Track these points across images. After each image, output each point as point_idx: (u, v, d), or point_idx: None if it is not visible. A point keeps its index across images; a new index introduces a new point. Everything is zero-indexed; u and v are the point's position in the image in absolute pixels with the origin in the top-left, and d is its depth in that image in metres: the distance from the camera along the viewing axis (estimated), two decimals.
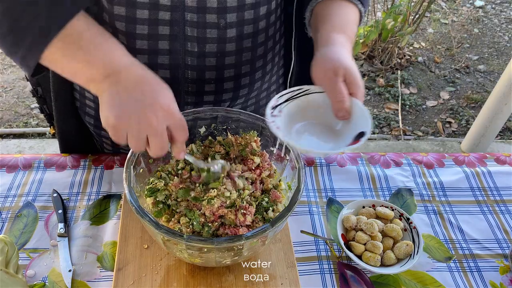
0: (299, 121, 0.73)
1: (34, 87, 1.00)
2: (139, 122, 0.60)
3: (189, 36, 0.78)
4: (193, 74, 0.83)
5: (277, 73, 0.98)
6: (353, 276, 0.81)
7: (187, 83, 0.84)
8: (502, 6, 4.13)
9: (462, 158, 1.09)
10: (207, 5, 0.75)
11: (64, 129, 1.01)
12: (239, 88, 0.89)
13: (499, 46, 3.60)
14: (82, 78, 0.64)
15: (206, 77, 0.84)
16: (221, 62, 0.83)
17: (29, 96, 2.75)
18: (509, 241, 0.90)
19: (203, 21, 0.77)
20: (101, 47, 0.62)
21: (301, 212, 0.91)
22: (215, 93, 0.87)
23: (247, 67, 0.87)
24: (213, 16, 0.76)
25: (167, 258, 0.79)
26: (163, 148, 0.62)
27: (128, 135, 0.61)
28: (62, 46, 0.61)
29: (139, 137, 0.61)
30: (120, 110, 0.60)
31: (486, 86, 3.15)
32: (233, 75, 0.86)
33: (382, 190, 0.98)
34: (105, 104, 0.61)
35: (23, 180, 0.93)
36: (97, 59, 0.62)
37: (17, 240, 0.82)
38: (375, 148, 2.55)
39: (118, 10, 0.74)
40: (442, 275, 0.82)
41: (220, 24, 0.77)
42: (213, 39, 0.79)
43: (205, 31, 0.78)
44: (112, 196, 0.91)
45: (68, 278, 0.76)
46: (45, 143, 2.46)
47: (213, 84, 0.86)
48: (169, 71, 0.82)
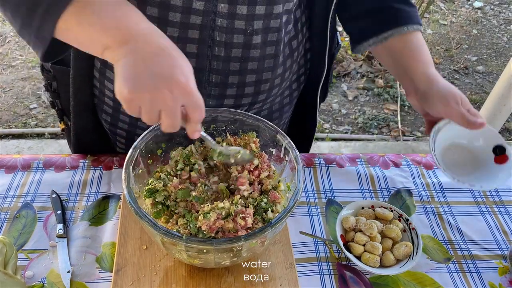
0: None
1: (49, 82, 0.98)
2: (152, 98, 0.58)
3: (217, 41, 0.79)
4: (217, 78, 0.84)
5: (291, 80, 0.99)
6: (352, 277, 0.81)
7: (210, 87, 0.85)
8: (501, 7, 4.14)
9: None
10: (237, 11, 0.76)
11: (80, 125, 0.99)
12: (259, 93, 0.90)
13: (498, 47, 3.60)
14: (98, 46, 0.60)
15: (229, 81, 0.85)
16: (245, 67, 0.84)
17: (28, 96, 2.75)
18: (508, 242, 0.90)
19: (232, 27, 0.78)
20: (116, 11, 0.59)
21: (300, 213, 0.91)
22: (236, 97, 0.88)
23: (268, 74, 0.88)
24: (242, 23, 0.78)
25: (166, 259, 0.79)
26: (174, 126, 0.61)
27: (141, 109, 0.59)
28: (76, 12, 0.57)
29: (151, 113, 0.59)
30: (134, 83, 0.57)
31: (485, 87, 3.16)
32: (255, 80, 0.87)
33: (381, 191, 0.99)
34: (120, 75, 0.58)
35: (22, 180, 0.93)
36: (113, 24, 0.58)
37: (15, 241, 0.82)
38: (374, 149, 2.55)
39: (151, 11, 0.74)
40: (441, 276, 0.82)
41: (247, 30, 0.79)
42: (239, 44, 0.80)
43: (232, 36, 0.79)
44: (111, 197, 0.91)
45: (67, 279, 0.76)
46: (44, 144, 2.45)
47: (235, 88, 0.87)
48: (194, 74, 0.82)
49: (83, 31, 0.59)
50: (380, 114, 2.87)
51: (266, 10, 0.78)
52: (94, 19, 0.58)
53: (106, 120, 0.98)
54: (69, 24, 0.59)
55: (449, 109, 0.84)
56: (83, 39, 0.61)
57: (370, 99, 2.99)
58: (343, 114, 2.86)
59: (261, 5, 0.77)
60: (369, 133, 2.73)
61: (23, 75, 2.91)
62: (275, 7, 0.79)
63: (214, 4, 0.74)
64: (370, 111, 2.88)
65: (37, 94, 2.77)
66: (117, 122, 0.96)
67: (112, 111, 0.95)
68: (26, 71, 2.95)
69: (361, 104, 2.94)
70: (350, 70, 3.19)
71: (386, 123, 2.81)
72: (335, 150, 2.49)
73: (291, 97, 1.03)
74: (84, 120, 0.99)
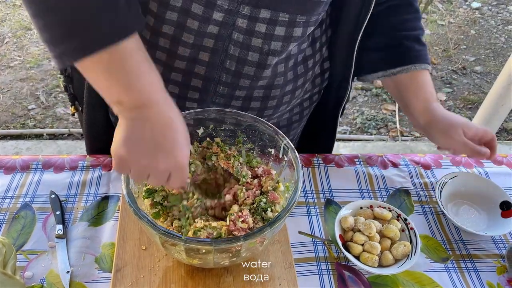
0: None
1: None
2: (147, 165, 0.61)
3: (230, 54, 0.79)
4: (224, 90, 0.84)
5: (302, 98, 0.99)
6: (351, 276, 0.81)
7: (216, 96, 0.85)
8: (498, 8, 4.15)
9: (459, 159, 1.09)
10: (255, 28, 0.75)
11: (92, 117, 0.99)
12: (265, 109, 0.90)
13: (495, 48, 3.61)
14: (112, 97, 0.61)
15: (236, 94, 0.85)
16: (254, 84, 0.84)
17: (26, 97, 2.75)
18: (505, 241, 0.90)
19: (248, 43, 0.77)
20: (144, 77, 0.59)
21: (299, 213, 0.91)
22: (241, 109, 0.88)
23: (277, 91, 0.88)
24: (259, 41, 0.77)
25: (165, 259, 0.79)
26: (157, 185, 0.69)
27: (131, 170, 0.62)
28: (108, 59, 0.56)
29: (141, 175, 0.63)
30: (134, 147, 0.60)
31: (483, 87, 3.17)
32: (262, 96, 0.88)
33: (380, 191, 0.99)
34: (123, 132, 0.60)
35: (21, 181, 0.93)
36: (137, 86, 0.59)
37: (14, 242, 0.82)
38: (372, 149, 2.55)
39: (170, 15, 0.74)
40: (440, 275, 0.83)
41: (263, 49, 0.78)
42: (253, 63, 0.80)
43: (247, 53, 0.78)
44: (110, 198, 0.91)
45: (66, 279, 0.76)
46: (43, 145, 2.45)
47: (241, 101, 0.87)
48: (201, 81, 0.83)
49: (105, 79, 0.59)
50: (379, 114, 2.88)
51: (286, 33, 0.77)
52: (122, 76, 0.58)
53: (112, 113, 0.98)
54: (94, 66, 0.57)
55: (452, 141, 0.90)
56: (102, 84, 0.60)
57: (368, 99, 3.00)
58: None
59: (281, 26, 0.76)
60: (368, 133, 2.73)
61: (21, 76, 2.91)
62: (295, 29, 0.78)
63: (233, 18, 0.74)
64: (368, 112, 2.89)
65: (36, 95, 2.77)
66: None
67: None
68: (24, 72, 2.94)
69: (359, 104, 2.95)
70: None
71: (384, 124, 2.81)
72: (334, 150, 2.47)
73: (301, 114, 1.03)
74: (97, 113, 0.99)
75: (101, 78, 0.59)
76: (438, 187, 0.95)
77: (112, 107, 0.62)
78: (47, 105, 2.72)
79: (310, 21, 0.79)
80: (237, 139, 0.84)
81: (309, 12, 0.76)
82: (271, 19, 0.75)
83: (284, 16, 0.75)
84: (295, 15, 0.75)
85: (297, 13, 0.75)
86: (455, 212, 0.95)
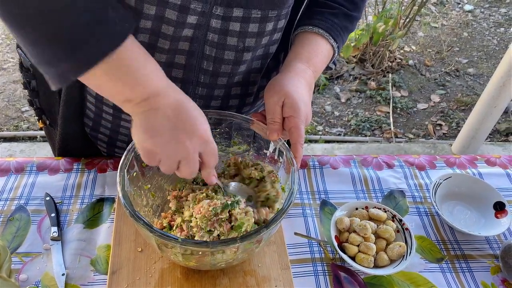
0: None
1: (28, 80, 0.97)
2: (175, 149, 0.61)
3: (207, 55, 0.79)
4: (203, 90, 0.84)
5: None
6: (347, 277, 0.81)
7: (195, 98, 0.85)
8: (490, 10, 4.18)
9: (453, 160, 1.10)
10: (230, 28, 0.75)
11: (69, 132, 0.98)
12: (243, 105, 0.91)
13: (488, 50, 3.64)
14: (119, 98, 0.62)
15: (215, 94, 0.86)
16: (231, 81, 0.84)
17: (19, 99, 2.73)
18: (499, 242, 0.91)
19: (223, 43, 0.77)
20: (144, 69, 0.60)
21: (295, 214, 0.91)
22: (220, 108, 0.89)
23: (254, 88, 0.89)
24: (234, 39, 0.77)
25: (161, 261, 0.79)
26: (193, 173, 0.65)
27: (162, 160, 0.63)
28: (107, 67, 0.57)
29: (172, 164, 0.63)
30: (157, 136, 0.61)
31: (476, 89, 3.19)
32: (240, 93, 0.88)
33: (375, 192, 0.99)
34: (142, 127, 0.61)
35: (15, 183, 0.93)
36: (139, 81, 0.60)
37: (9, 244, 0.81)
38: (367, 150, 2.56)
39: (144, 23, 0.73)
40: (435, 275, 0.83)
41: (238, 47, 0.78)
42: (230, 61, 0.80)
43: (223, 52, 0.78)
44: (105, 200, 0.91)
45: (62, 282, 0.75)
46: (36, 147, 2.44)
47: (220, 100, 0.88)
48: (180, 84, 0.83)
49: (107, 82, 0.60)
50: (373, 116, 2.89)
51: (259, 29, 0.77)
52: (123, 75, 0.59)
53: (87, 124, 0.97)
54: (96, 74, 0.58)
55: (267, 101, 0.77)
56: (106, 88, 0.61)
57: (362, 101, 3.01)
58: (336, 116, 2.88)
59: (254, 23, 0.76)
60: (362, 135, 2.74)
61: (15, 78, 2.89)
62: (267, 24, 0.78)
63: (207, 19, 0.74)
64: (362, 113, 2.90)
65: None
66: (99, 127, 0.96)
67: (94, 116, 0.94)
68: (18, 74, 2.92)
69: (353, 106, 2.96)
70: (343, 73, 3.20)
71: (378, 125, 2.83)
72: (329, 152, 2.50)
73: None
74: (73, 127, 0.98)
75: (104, 83, 0.60)
76: (433, 188, 0.95)
77: (122, 107, 0.63)
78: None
79: (281, 15, 0.79)
80: (232, 140, 0.84)
81: (279, 6, 0.76)
82: (244, 17, 0.75)
83: (256, 13, 0.75)
84: (267, 11, 0.75)
85: (268, 9, 0.75)
86: (449, 213, 0.96)
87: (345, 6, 0.87)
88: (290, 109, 0.74)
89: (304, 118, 0.74)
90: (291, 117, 0.74)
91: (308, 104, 0.78)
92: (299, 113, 0.74)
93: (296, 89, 0.75)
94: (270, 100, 0.76)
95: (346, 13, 0.87)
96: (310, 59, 0.82)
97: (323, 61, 0.84)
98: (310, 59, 0.82)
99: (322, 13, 0.85)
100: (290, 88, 0.75)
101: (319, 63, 0.83)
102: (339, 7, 0.87)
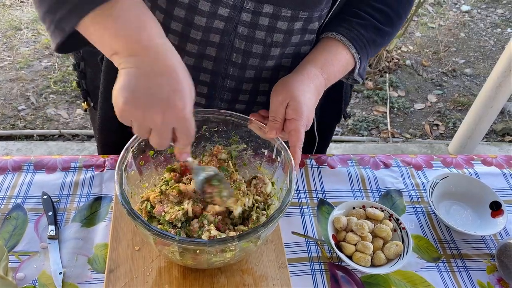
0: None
1: (77, 61, 0.98)
2: (144, 116, 0.59)
3: (236, 48, 0.80)
4: (232, 83, 0.85)
5: None
6: (344, 276, 0.82)
7: (224, 91, 0.86)
8: (487, 11, 4.20)
9: (450, 160, 1.10)
10: (259, 22, 0.76)
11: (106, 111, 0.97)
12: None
13: (485, 50, 3.65)
14: (107, 49, 0.61)
15: (243, 87, 0.86)
16: (259, 75, 0.85)
17: (16, 98, 2.72)
18: (495, 241, 0.91)
19: (252, 36, 0.78)
20: (133, 22, 0.58)
21: (292, 214, 0.92)
22: (248, 103, 0.89)
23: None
24: (262, 33, 0.78)
25: (159, 259, 0.79)
26: (161, 146, 0.63)
27: (132, 122, 0.61)
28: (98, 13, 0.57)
29: (141, 128, 0.61)
30: (131, 96, 0.58)
31: (473, 89, 3.20)
32: (267, 90, 0.88)
33: (372, 191, 1.00)
34: (121, 83, 0.59)
35: (12, 182, 0.92)
36: (126, 33, 0.58)
37: (6, 243, 0.81)
38: (364, 150, 2.57)
39: (178, 12, 0.75)
40: (431, 275, 0.84)
41: (266, 41, 0.79)
42: (257, 55, 0.81)
43: (252, 45, 0.79)
44: (103, 198, 0.91)
45: (59, 280, 0.75)
46: (33, 146, 2.43)
47: (248, 95, 0.88)
48: (210, 76, 0.84)
49: (96, 31, 0.59)
50: (370, 116, 2.90)
51: (288, 26, 0.78)
52: (110, 23, 0.58)
53: None
54: (88, 23, 0.58)
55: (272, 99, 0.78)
56: (96, 39, 0.61)
57: (360, 101, 3.01)
58: None
59: (283, 21, 0.77)
60: (359, 135, 2.75)
61: (11, 76, 2.88)
62: (295, 23, 0.78)
63: (238, 13, 0.75)
64: (360, 113, 2.91)
65: (26, 96, 2.74)
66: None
67: None
68: (14, 72, 2.92)
69: (351, 106, 2.96)
70: None
71: (375, 125, 2.83)
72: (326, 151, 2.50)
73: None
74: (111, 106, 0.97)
75: (93, 32, 0.60)
76: (430, 187, 0.96)
77: (112, 61, 0.61)
78: (38, 106, 2.69)
79: (313, 17, 0.79)
80: (231, 139, 0.84)
81: (310, 8, 0.77)
82: (274, 14, 0.76)
83: (286, 11, 0.76)
84: (297, 11, 0.76)
85: (299, 9, 0.76)
86: (446, 212, 0.96)
87: (376, 18, 0.85)
88: (293, 111, 0.74)
89: (305, 123, 0.75)
90: (293, 120, 0.74)
91: (312, 109, 0.78)
92: (301, 117, 0.74)
93: (303, 93, 0.76)
94: (275, 99, 0.77)
95: (376, 26, 0.85)
96: (325, 66, 0.81)
97: (339, 71, 0.83)
98: (326, 66, 0.81)
99: (351, 22, 0.84)
100: (297, 91, 0.75)
101: (334, 72, 0.82)
102: (370, 18, 0.85)
